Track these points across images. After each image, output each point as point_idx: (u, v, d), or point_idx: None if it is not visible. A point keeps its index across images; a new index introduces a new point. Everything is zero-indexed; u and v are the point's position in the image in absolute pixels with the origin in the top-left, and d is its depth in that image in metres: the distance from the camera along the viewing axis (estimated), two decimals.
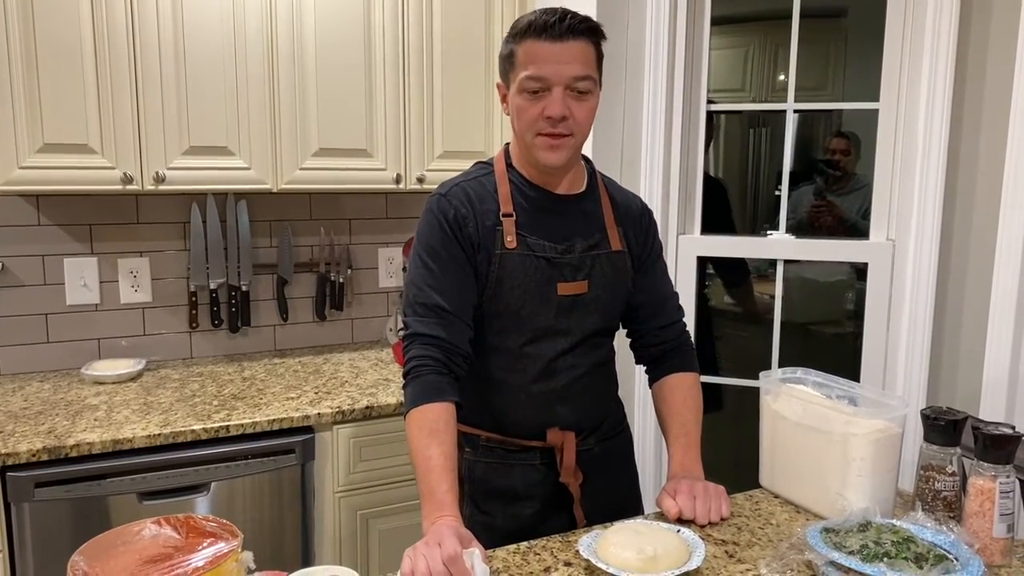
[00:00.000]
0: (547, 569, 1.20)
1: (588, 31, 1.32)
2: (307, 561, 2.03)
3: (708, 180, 2.73)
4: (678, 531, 1.25)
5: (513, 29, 1.33)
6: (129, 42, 1.99)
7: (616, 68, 2.27)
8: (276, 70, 2.16)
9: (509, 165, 1.44)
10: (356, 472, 2.07)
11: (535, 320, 1.39)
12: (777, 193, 3.32)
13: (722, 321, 3.04)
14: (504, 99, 1.39)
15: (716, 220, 2.60)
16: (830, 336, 2.96)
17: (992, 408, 2.00)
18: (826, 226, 2.77)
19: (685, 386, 1.52)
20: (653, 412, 2.32)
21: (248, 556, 0.90)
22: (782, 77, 2.86)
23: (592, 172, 1.51)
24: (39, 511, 1.74)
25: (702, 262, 2.41)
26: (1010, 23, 1.92)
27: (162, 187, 2.07)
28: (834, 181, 2.95)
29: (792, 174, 3.20)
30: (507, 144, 1.48)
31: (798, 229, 2.82)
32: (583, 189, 1.47)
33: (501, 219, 1.38)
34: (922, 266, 2.09)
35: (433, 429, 1.27)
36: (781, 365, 2.35)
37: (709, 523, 1.33)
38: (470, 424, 1.46)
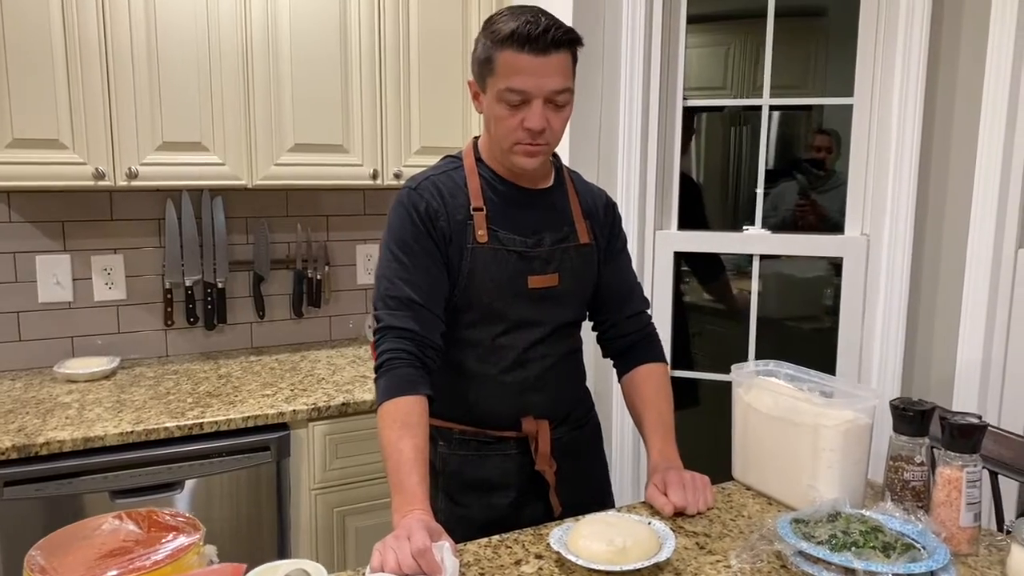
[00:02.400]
0: (518, 562, 1.20)
1: (569, 42, 1.31)
2: (283, 558, 2.01)
3: (683, 179, 2.74)
4: (649, 523, 1.25)
5: (492, 31, 1.30)
6: (100, 36, 1.97)
7: (593, 65, 2.27)
8: (250, 64, 2.14)
9: (478, 159, 1.44)
10: (332, 469, 2.06)
11: (507, 312, 1.40)
12: (757, 190, 3.34)
13: (700, 317, 3.05)
14: (476, 97, 1.39)
15: (690, 218, 2.62)
16: (809, 331, 2.97)
17: (964, 399, 2.02)
18: (809, 223, 2.78)
19: (656, 376, 1.54)
20: (627, 414, 2.35)
21: (210, 550, 0.89)
22: (771, 75, 2.87)
23: (559, 167, 1.52)
24: (8, 510, 1.71)
25: (679, 257, 2.42)
26: (980, 20, 1.94)
27: (135, 183, 2.05)
28: (816, 179, 2.96)
29: (775, 172, 3.23)
30: (476, 138, 1.48)
31: (781, 226, 2.83)
32: (551, 183, 1.48)
33: (472, 213, 1.38)
34: (896, 260, 2.10)
35: (405, 422, 1.27)
36: (758, 360, 2.36)
37: (697, 513, 1.35)
38: (444, 418, 1.45)
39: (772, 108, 2.46)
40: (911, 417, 1.27)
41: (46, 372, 2.26)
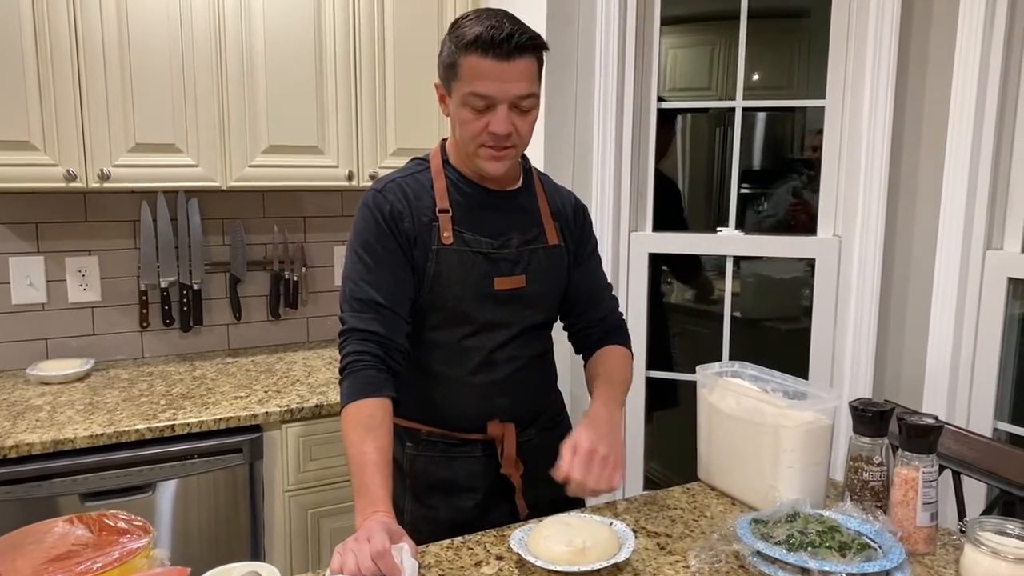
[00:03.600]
0: (478, 563, 1.20)
1: (533, 48, 1.30)
2: (257, 560, 2.01)
3: (662, 178, 2.75)
4: (610, 524, 1.26)
5: (457, 35, 1.30)
6: (72, 37, 1.97)
7: (567, 66, 2.28)
8: (224, 66, 2.14)
9: (445, 161, 1.45)
10: (306, 471, 2.06)
11: (473, 314, 1.40)
12: (744, 191, 3.36)
13: (681, 318, 3.06)
14: (443, 100, 1.39)
15: (668, 218, 2.63)
16: (786, 332, 2.99)
17: (934, 399, 2.04)
18: (802, 223, 2.79)
19: (618, 354, 1.55)
20: None
21: (161, 553, 0.89)
22: (756, 77, 2.90)
23: (528, 168, 1.53)
24: None
25: (655, 259, 2.43)
26: (949, 23, 1.96)
27: (107, 185, 2.04)
28: (810, 179, 2.98)
29: (766, 172, 3.25)
30: (444, 140, 1.49)
31: (777, 227, 2.85)
32: (519, 184, 1.48)
33: (437, 215, 1.38)
34: (867, 261, 2.12)
35: (369, 425, 1.27)
36: (731, 360, 2.37)
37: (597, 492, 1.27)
38: (411, 419, 1.46)
39: (747, 110, 2.48)
40: (870, 418, 1.29)
41: (19, 374, 2.25)
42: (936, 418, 1.25)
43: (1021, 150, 1.92)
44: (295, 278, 2.61)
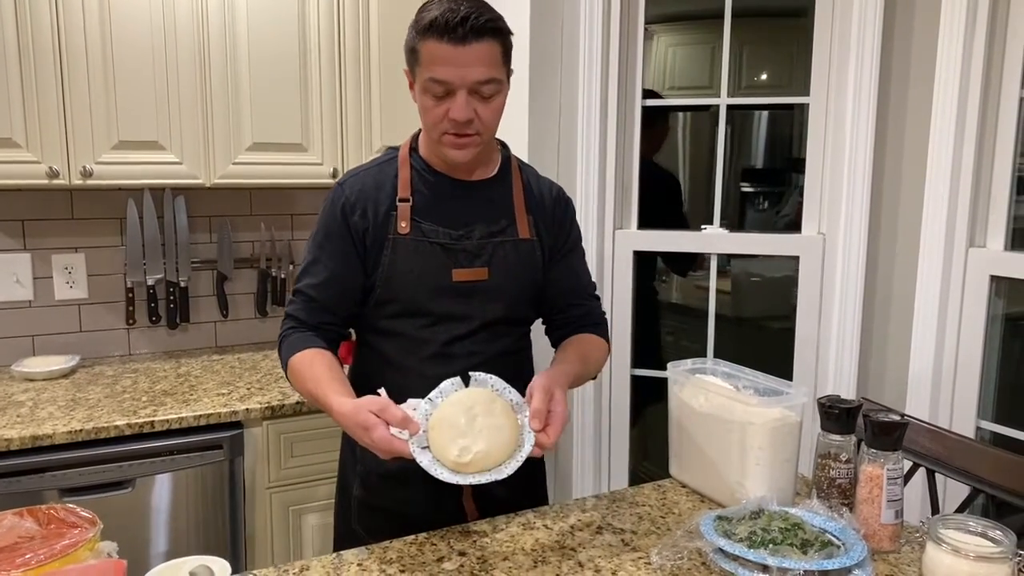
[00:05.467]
0: (440, 559, 1.20)
1: (492, 31, 1.28)
2: (236, 556, 2.02)
3: (662, 174, 2.74)
4: (521, 424, 1.21)
5: (417, 19, 1.29)
6: (53, 32, 1.97)
7: (551, 62, 2.27)
8: (208, 63, 2.15)
9: (413, 150, 1.45)
10: (287, 468, 2.06)
11: (429, 305, 1.39)
12: (746, 189, 3.34)
13: (672, 316, 3.05)
14: (411, 86, 1.39)
15: (668, 215, 2.63)
16: (778, 330, 2.98)
17: (918, 397, 2.03)
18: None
19: (591, 338, 1.52)
20: (589, 412, 2.36)
21: (108, 546, 0.89)
22: (764, 76, 2.89)
23: (507, 158, 1.51)
24: None
25: (645, 257, 2.42)
26: (931, 20, 1.95)
27: (90, 182, 2.05)
28: None
29: (769, 171, 3.23)
30: (418, 130, 1.48)
31: (789, 227, 2.84)
32: (492, 174, 1.47)
33: (397, 204, 1.38)
34: (851, 260, 2.11)
35: (311, 362, 1.34)
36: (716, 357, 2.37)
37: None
38: None
39: (740, 107, 2.48)
40: (836, 415, 1.28)
41: (5, 371, 2.26)
42: (902, 415, 1.25)
43: (1003, 147, 1.90)
44: (282, 275, 2.62)
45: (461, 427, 1.17)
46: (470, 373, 1.27)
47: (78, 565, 0.80)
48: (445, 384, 1.25)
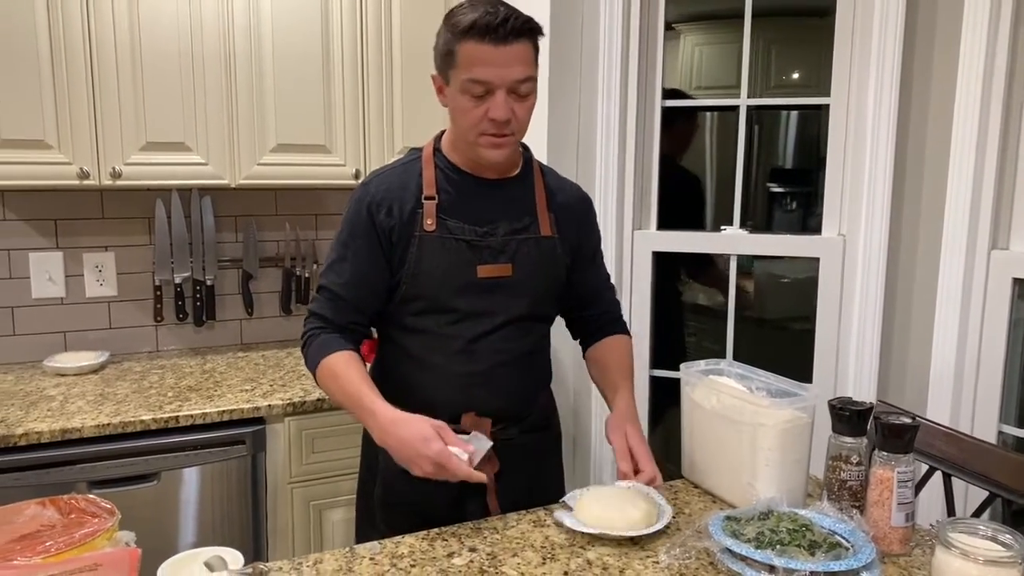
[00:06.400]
0: (451, 554, 1.22)
1: (529, 31, 1.33)
2: (258, 550, 2.06)
3: (685, 176, 2.74)
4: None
5: (452, 23, 1.32)
6: (85, 39, 2.03)
7: (571, 63, 2.29)
8: (233, 66, 2.19)
9: (437, 150, 1.48)
10: (309, 463, 2.10)
11: (455, 301, 1.42)
12: (774, 189, 3.33)
13: (696, 317, 3.05)
14: (440, 91, 1.42)
15: (691, 217, 2.62)
16: (798, 332, 2.96)
17: (938, 401, 2.01)
18: None
19: (623, 344, 1.59)
20: (607, 412, 2.36)
21: (126, 535, 0.93)
22: (795, 75, 2.87)
23: (528, 158, 1.54)
24: None
25: (664, 258, 2.42)
26: (953, 20, 1.93)
27: (119, 182, 2.11)
28: None
29: (797, 172, 3.22)
30: (440, 132, 1.51)
31: (817, 228, 2.82)
32: (515, 173, 1.50)
33: (423, 202, 1.41)
34: (872, 261, 2.09)
35: (347, 366, 1.37)
36: (736, 360, 2.36)
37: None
38: (391, 402, 1.46)
39: (763, 108, 2.47)
40: (847, 417, 1.28)
41: (38, 366, 2.33)
42: (914, 418, 1.24)
43: None
44: (306, 274, 2.66)
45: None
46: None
47: (95, 552, 0.84)
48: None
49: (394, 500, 1.47)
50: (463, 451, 1.25)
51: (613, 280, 1.72)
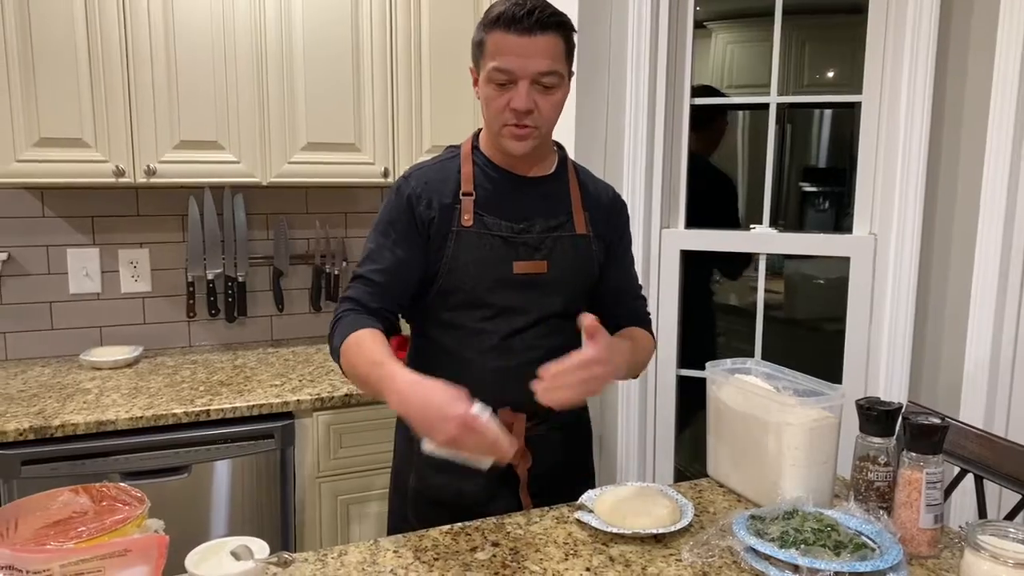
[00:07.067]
0: (474, 548, 1.23)
1: (557, 25, 1.34)
2: (287, 543, 2.09)
3: (716, 175, 2.72)
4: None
5: (485, 16, 1.37)
6: (121, 40, 2.07)
7: (599, 61, 2.28)
8: (265, 65, 2.22)
9: (475, 147, 1.49)
10: (336, 458, 2.12)
11: (491, 297, 1.43)
12: (807, 189, 3.29)
13: (724, 316, 3.02)
14: (475, 83, 1.44)
15: (722, 215, 2.61)
16: (829, 332, 2.93)
17: (972, 402, 1.98)
18: None
19: (638, 331, 1.56)
20: (635, 413, 2.36)
21: (155, 523, 0.95)
22: (829, 74, 2.84)
23: (563, 158, 1.55)
24: (26, 488, 1.82)
25: (693, 257, 2.41)
26: (990, 16, 1.90)
27: (153, 180, 2.15)
28: None
29: (835, 171, 3.18)
30: (478, 129, 1.53)
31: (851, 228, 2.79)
32: (551, 171, 1.51)
33: (460, 198, 1.42)
34: (904, 260, 2.07)
35: (372, 341, 1.31)
36: (765, 359, 2.34)
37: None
38: None
39: (796, 106, 2.44)
40: (875, 417, 1.27)
41: (74, 360, 2.38)
42: (943, 418, 1.22)
43: None
44: (336, 272, 2.69)
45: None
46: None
47: (125, 538, 0.86)
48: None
49: (429, 494, 1.48)
50: (484, 408, 1.14)
51: (640, 279, 1.71)
